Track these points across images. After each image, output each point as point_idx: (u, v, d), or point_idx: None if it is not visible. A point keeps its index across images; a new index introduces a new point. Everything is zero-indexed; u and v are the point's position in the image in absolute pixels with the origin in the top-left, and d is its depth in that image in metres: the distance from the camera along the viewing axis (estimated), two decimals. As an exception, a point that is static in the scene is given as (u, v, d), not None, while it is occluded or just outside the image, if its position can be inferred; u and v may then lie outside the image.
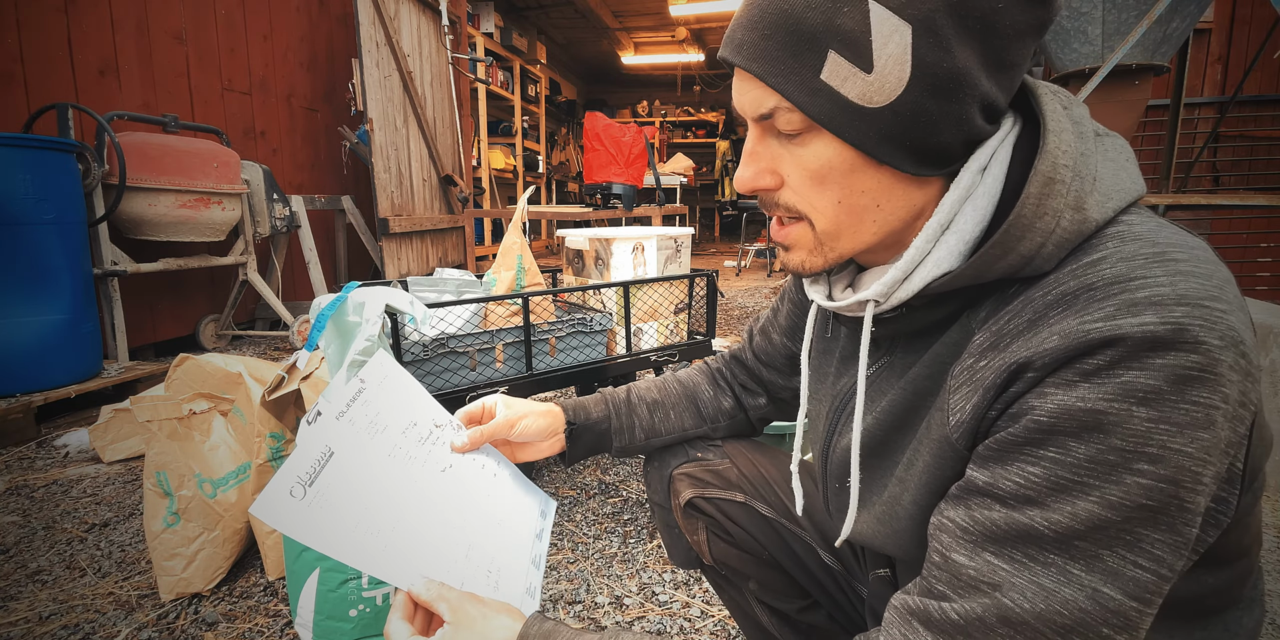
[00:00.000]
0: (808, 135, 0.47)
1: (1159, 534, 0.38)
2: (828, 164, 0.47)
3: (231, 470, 1.24)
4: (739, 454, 0.83)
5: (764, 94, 0.47)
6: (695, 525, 0.81)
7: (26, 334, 2.02)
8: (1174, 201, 2.87)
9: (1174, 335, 0.37)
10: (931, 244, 0.48)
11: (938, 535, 0.46)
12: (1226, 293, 0.39)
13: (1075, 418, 0.39)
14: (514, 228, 1.68)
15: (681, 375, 0.89)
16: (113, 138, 2.34)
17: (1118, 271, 0.40)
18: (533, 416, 0.77)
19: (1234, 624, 0.50)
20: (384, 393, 0.67)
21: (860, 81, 0.43)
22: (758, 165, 0.51)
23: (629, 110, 10.60)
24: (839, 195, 0.48)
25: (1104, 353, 0.38)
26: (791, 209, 0.51)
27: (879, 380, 0.56)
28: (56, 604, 1.21)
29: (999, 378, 0.43)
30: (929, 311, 0.51)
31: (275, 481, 0.52)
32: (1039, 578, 0.40)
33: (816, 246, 0.52)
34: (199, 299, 3.23)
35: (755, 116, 0.49)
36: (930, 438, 0.49)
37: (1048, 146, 0.45)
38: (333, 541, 0.52)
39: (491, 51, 6.27)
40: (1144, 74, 2.82)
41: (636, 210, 4.73)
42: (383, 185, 3.39)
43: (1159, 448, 0.37)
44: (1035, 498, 0.40)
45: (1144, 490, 0.38)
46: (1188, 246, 0.41)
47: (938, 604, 0.44)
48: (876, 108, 0.44)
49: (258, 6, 3.57)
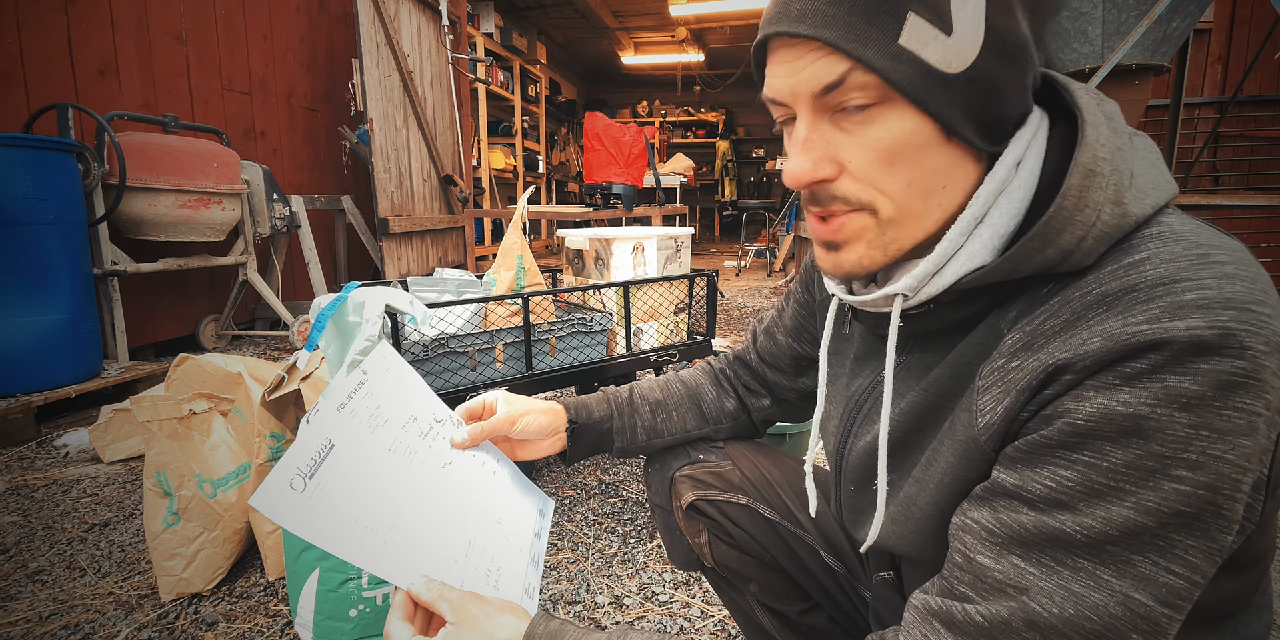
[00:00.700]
0: (878, 110, 0.44)
1: (1193, 540, 0.38)
2: (903, 139, 0.44)
3: (231, 470, 1.24)
4: (741, 456, 0.82)
5: (831, 63, 0.44)
6: (697, 527, 0.80)
7: (26, 334, 2.02)
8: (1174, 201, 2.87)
9: (1220, 340, 0.36)
10: (965, 237, 0.46)
11: (961, 536, 0.45)
12: (1270, 296, 0.38)
13: (1115, 422, 0.38)
14: (514, 228, 1.68)
15: (684, 375, 0.88)
16: (113, 138, 2.34)
17: (1162, 273, 0.39)
18: (534, 414, 0.76)
19: (1244, 629, 0.50)
20: (386, 385, 0.66)
21: (941, 45, 0.42)
22: (814, 154, 0.47)
23: (629, 110, 10.60)
24: (911, 175, 0.45)
25: (1148, 356, 0.37)
26: (852, 199, 0.47)
27: (896, 381, 0.55)
28: (56, 604, 1.21)
29: (1034, 379, 0.42)
30: (956, 309, 0.49)
31: (275, 473, 0.51)
32: (1068, 582, 0.39)
33: (878, 236, 0.48)
34: (199, 299, 3.23)
35: (818, 89, 0.45)
36: (954, 439, 0.48)
37: (1087, 139, 0.44)
38: (331, 536, 0.51)
39: (491, 51, 6.27)
40: (1144, 74, 2.82)
41: (636, 210, 4.73)
42: (383, 185, 3.39)
43: (1199, 454, 0.37)
44: (1066, 502, 0.40)
45: (1182, 497, 0.37)
46: (1230, 248, 0.40)
47: (960, 605, 0.43)
48: (955, 74, 0.43)
49: (258, 6, 3.57)
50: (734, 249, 8.30)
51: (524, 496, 0.74)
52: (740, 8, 6.57)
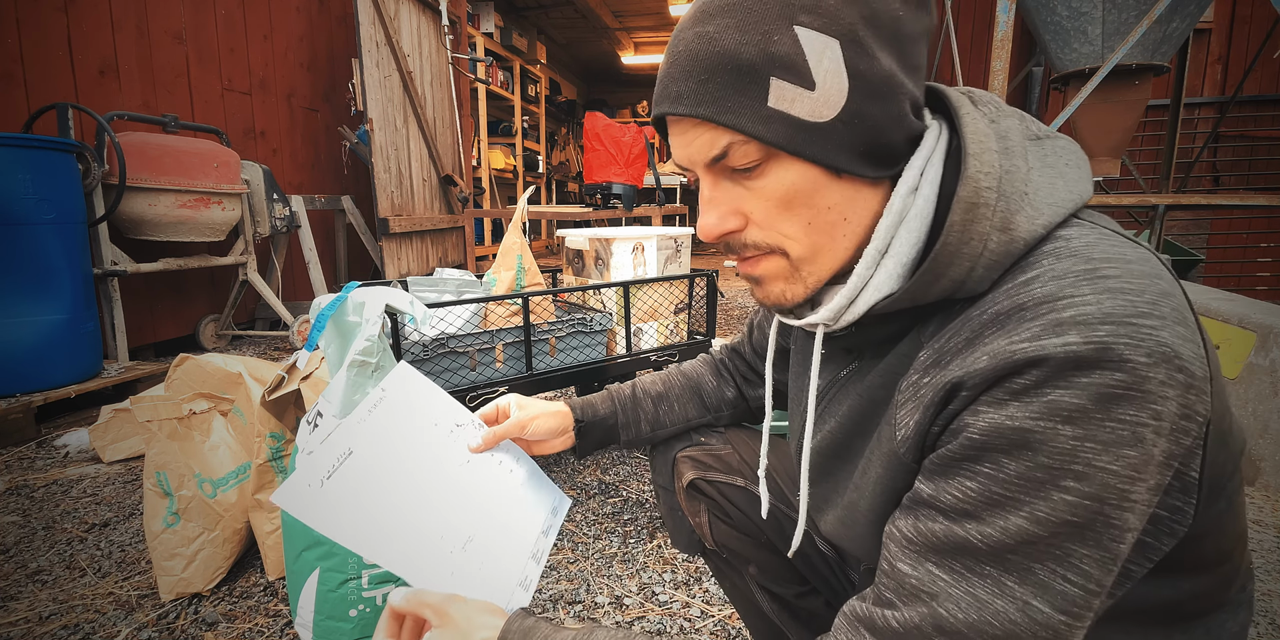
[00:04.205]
0: (766, 165, 0.48)
1: (1086, 550, 0.39)
2: (792, 188, 0.48)
3: (231, 470, 1.24)
4: (740, 441, 0.86)
5: (714, 136, 0.48)
6: (697, 507, 0.84)
7: (27, 334, 2.02)
8: (1174, 201, 2.87)
9: (1098, 354, 0.37)
10: (872, 270, 0.49)
11: (887, 543, 0.47)
12: (1160, 307, 0.39)
13: (1005, 435, 0.40)
14: (514, 228, 1.68)
15: (686, 367, 0.93)
16: (113, 138, 2.34)
17: (1048, 291, 0.41)
18: (543, 418, 0.80)
19: (1217, 628, 0.51)
20: (406, 398, 0.71)
21: (808, 100, 0.45)
22: (719, 209, 0.51)
23: (629, 110, 10.59)
24: (808, 217, 0.49)
25: (1030, 373, 0.39)
26: (761, 245, 0.51)
27: (846, 384, 0.58)
28: (56, 604, 1.21)
29: (937, 395, 0.44)
30: (880, 328, 0.52)
31: (296, 475, 0.57)
32: (974, 589, 0.41)
33: (793, 274, 0.52)
34: (199, 299, 3.23)
35: (708, 160, 0.49)
36: (881, 450, 0.51)
37: (969, 171, 0.45)
38: (337, 527, 0.57)
39: (491, 51, 6.27)
40: (1144, 74, 2.82)
41: (636, 210, 4.73)
42: (383, 185, 3.39)
43: (1084, 465, 0.38)
44: (972, 511, 0.41)
45: (1070, 507, 0.39)
46: (1123, 260, 0.41)
47: (882, 611, 0.45)
48: (827, 121, 0.45)
49: (258, 6, 3.57)
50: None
51: (537, 494, 0.78)
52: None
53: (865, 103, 0.45)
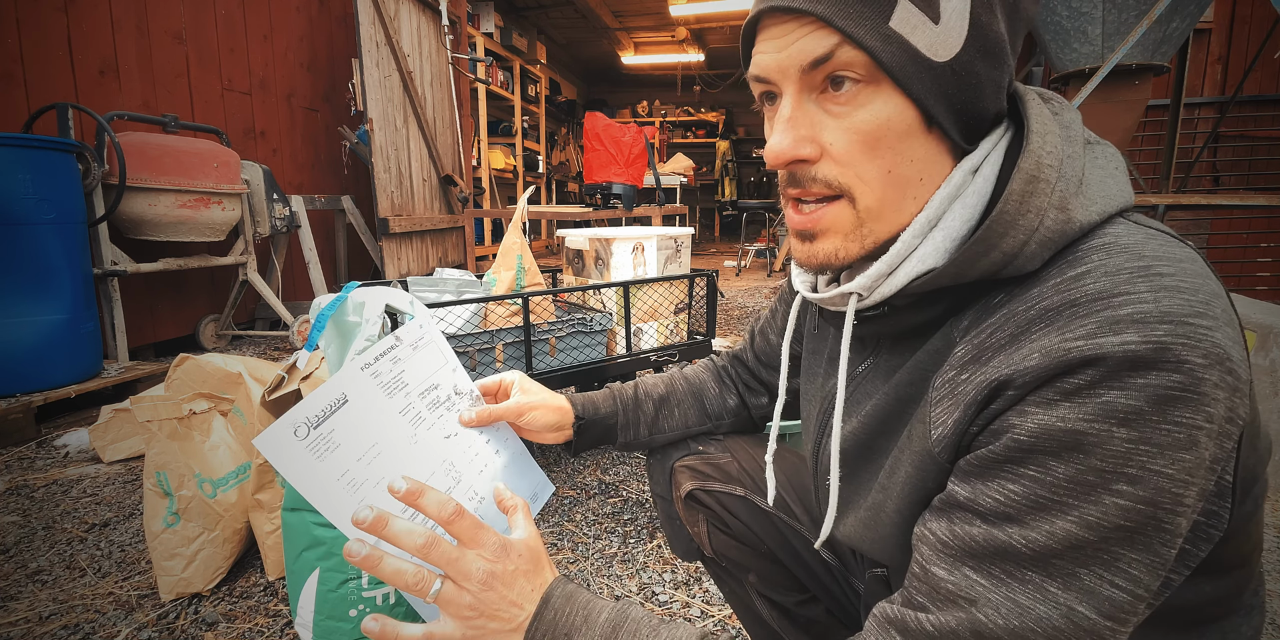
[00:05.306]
0: (864, 91, 0.45)
1: (1136, 554, 0.38)
2: (885, 124, 0.45)
3: (231, 470, 1.24)
4: (740, 448, 0.84)
5: (821, 37, 0.44)
6: (696, 517, 0.82)
7: (26, 334, 2.02)
8: (1174, 201, 2.87)
9: (1156, 354, 0.36)
10: (919, 240, 0.47)
11: (919, 546, 0.46)
12: (1213, 308, 0.38)
13: (1055, 438, 0.39)
14: (514, 228, 1.69)
15: (689, 372, 0.91)
16: (113, 138, 2.34)
17: (1101, 287, 0.39)
18: (543, 410, 0.77)
19: (1232, 631, 0.50)
20: (415, 353, 0.68)
21: (929, 31, 0.43)
22: (798, 132, 0.46)
23: (629, 110, 10.59)
24: (890, 163, 0.45)
25: (1085, 372, 0.38)
26: (832, 183, 0.47)
27: (865, 382, 0.56)
28: (56, 604, 1.21)
29: (980, 394, 0.42)
30: (912, 313, 0.50)
31: (284, 419, 0.53)
32: (1015, 594, 0.40)
33: (855, 229, 0.48)
34: (199, 299, 3.23)
35: (807, 63, 0.45)
36: (912, 449, 0.49)
37: (1030, 146, 0.45)
38: (311, 485, 0.54)
39: (491, 51, 6.27)
40: (1144, 74, 2.82)
41: (636, 210, 4.73)
42: (383, 185, 3.39)
43: (1139, 469, 0.37)
44: (1014, 515, 0.40)
45: (1122, 511, 0.38)
46: (1175, 259, 0.40)
47: (914, 614, 0.44)
48: (940, 62, 0.44)
49: (258, 6, 3.57)
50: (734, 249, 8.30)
51: (520, 478, 0.76)
52: (740, 7, 6.56)
53: (977, 58, 0.44)
